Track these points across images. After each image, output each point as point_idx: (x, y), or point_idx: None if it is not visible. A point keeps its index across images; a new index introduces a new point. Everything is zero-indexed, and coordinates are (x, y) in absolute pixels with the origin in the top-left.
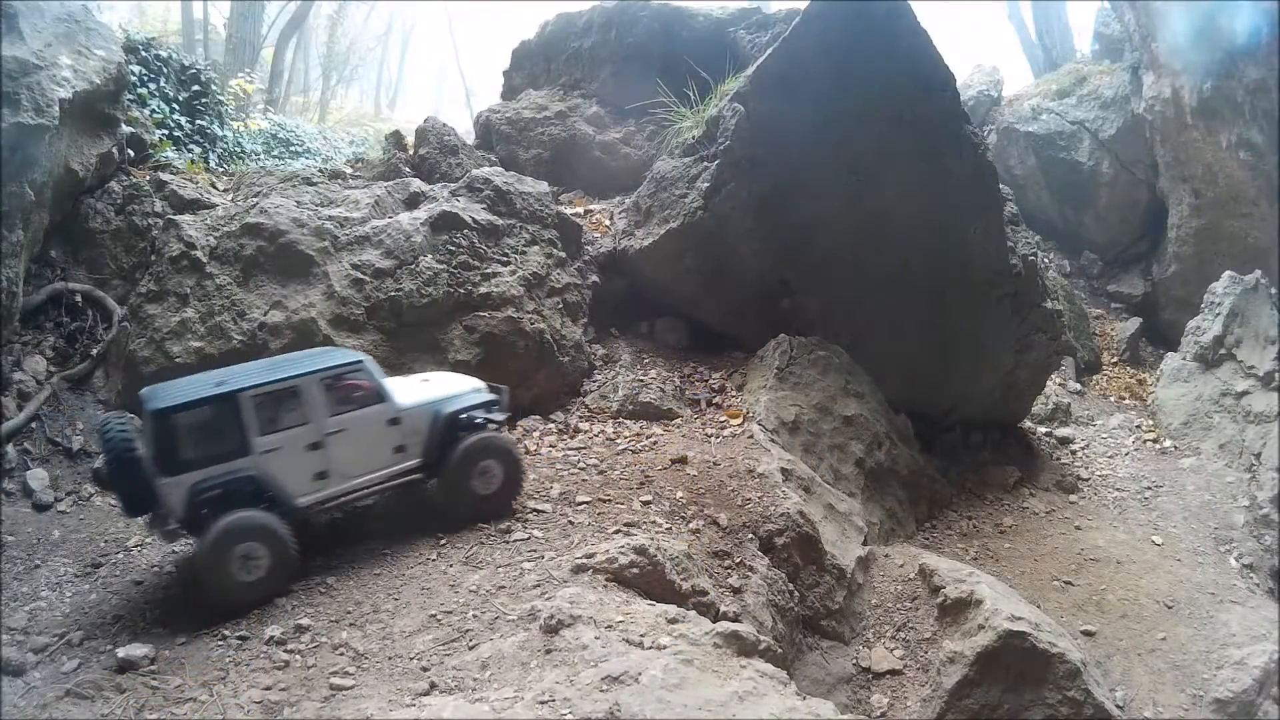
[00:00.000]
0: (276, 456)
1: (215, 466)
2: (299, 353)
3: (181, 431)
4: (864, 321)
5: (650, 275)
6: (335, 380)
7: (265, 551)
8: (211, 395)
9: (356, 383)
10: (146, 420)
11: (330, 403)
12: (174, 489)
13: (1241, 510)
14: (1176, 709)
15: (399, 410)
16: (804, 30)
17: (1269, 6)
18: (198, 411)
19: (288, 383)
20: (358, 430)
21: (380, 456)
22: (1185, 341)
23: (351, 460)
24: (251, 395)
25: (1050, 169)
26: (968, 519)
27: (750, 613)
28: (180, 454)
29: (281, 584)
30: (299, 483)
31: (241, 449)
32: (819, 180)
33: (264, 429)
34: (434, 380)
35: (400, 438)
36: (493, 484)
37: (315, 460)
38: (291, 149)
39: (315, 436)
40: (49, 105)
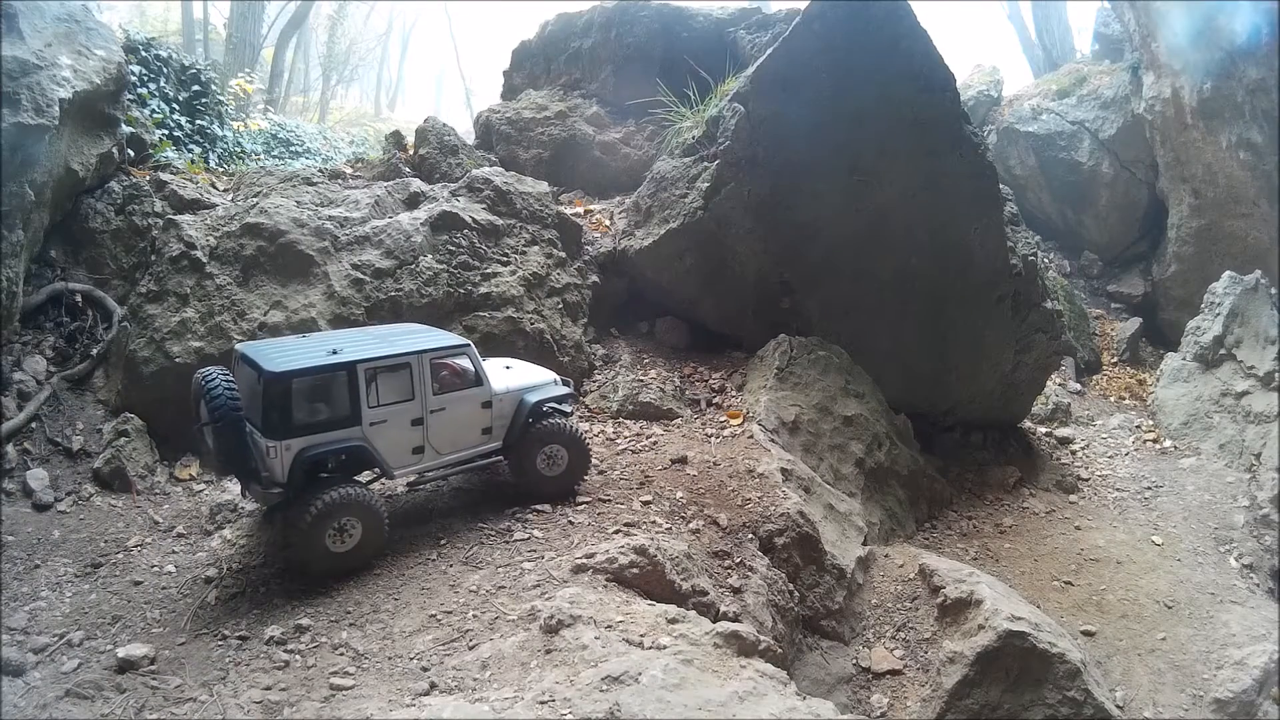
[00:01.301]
0: (382, 428)
1: (325, 433)
2: (401, 326)
3: (296, 397)
4: (864, 321)
5: (650, 275)
6: (443, 360)
7: (359, 525)
8: (331, 364)
9: (460, 365)
10: (257, 382)
11: (435, 381)
12: (281, 452)
13: (1241, 510)
14: (1176, 709)
15: (492, 395)
16: (804, 30)
17: (1269, 6)
18: (315, 379)
19: (403, 359)
20: (455, 410)
21: (470, 436)
22: (1185, 341)
23: (446, 438)
24: (368, 368)
25: (1050, 169)
26: (968, 519)
27: (750, 613)
28: (292, 419)
29: (367, 558)
30: (398, 455)
31: (352, 418)
32: (819, 180)
33: (374, 401)
34: (516, 368)
35: (489, 420)
36: (559, 467)
37: (415, 435)
38: (291, 149)
39: (419, 413)
40: (49, 105)
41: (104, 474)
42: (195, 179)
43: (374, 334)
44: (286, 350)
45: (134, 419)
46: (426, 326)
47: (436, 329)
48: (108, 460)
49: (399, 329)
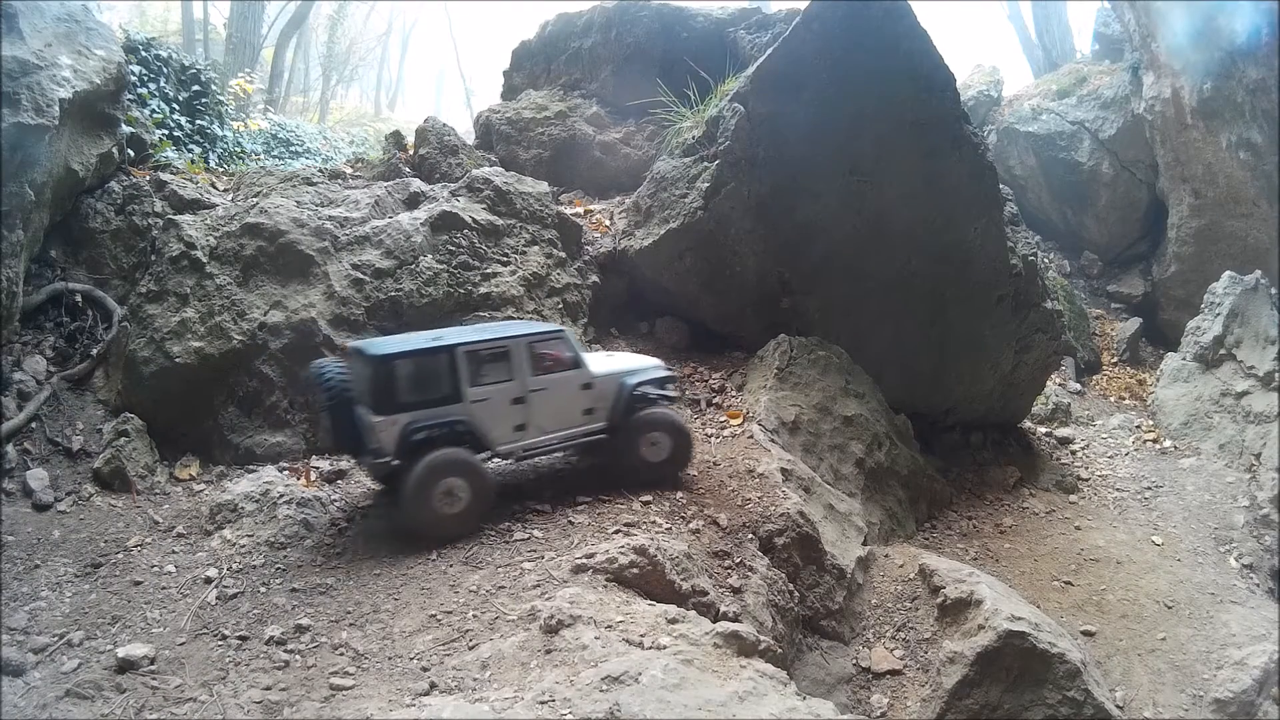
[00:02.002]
0: (484, 406)
1: (429, 410)
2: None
3: (401, 376)
4: (864, 321)
5: (650, 275)
6: (540, 345)
7: (466, 487)
8: (432, 347)
9: (558, 349)
10: (366, 365)
11: (534, 364)
12: (388, 427)
13: (1241, 510)
14: (1176, 709)
15: (592, 377)
16: (804, 30)
17: (1269, 6)
18: (418, 360)
19: (500, 343)
20: (555, 391)
21: (572, 416)
22: (1185, 341)
23: (547, 416)
24: (467, 351)
25: (1050, 169)
26: (968, 519)
27: (750, 613)
28: (398, 396)
29: (476, 519)
30: (501, 431)
31: (454, 396)
32: (819, 180)
33: (475, 381)
34: (618, 356)
35: (590, 401)
36: (661, 454)
37: (517, 413)
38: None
39: (519, 392)
40: (49, 105)
41: (104, 474)
42: (195, 179)
43: (480, 327)
44: (394, 340)
45: (134, 419)
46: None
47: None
48: (108, 460)
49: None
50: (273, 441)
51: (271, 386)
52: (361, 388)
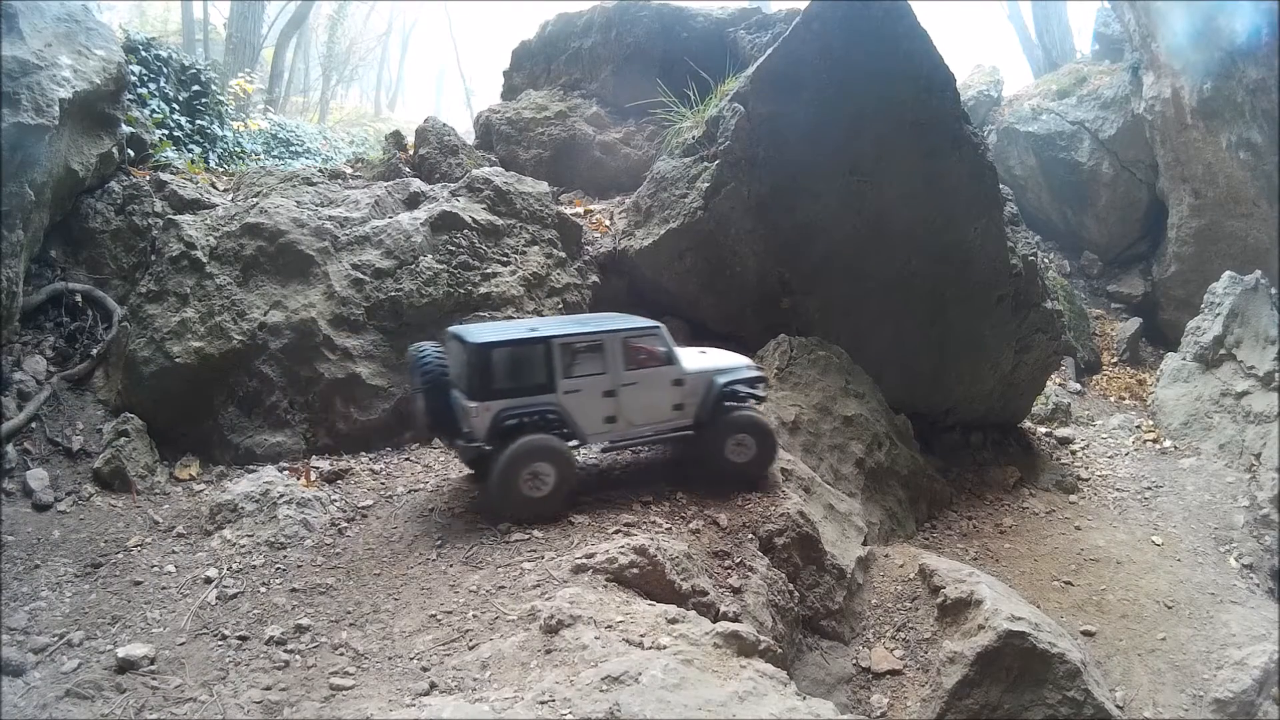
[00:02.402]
0: (575, 397)
1: (522, 398)
2: (603, 315)
3: (497, 365)
4: (864, 321)
5: (650, 275)
6: (634, 340)
7: (552, 471)
8: (529, 338)
9: (651, 345)
10: (463, 352)
11: (627, 358)
12: (482, 413)
13: (1241, 510)
14: (1176, 709)
15: (683, 373)
16: (803, 30)
17: (1269, 6)
18: (515, 350)
19: (594, 337)
20: (646, 385)
21: (661, 411)
22: (1185, 341)
23: (637, 410)
24: (562, 343)
25: (1050, 169)
26: (968, 519)
27: (750, 613)
28: (493, 384)
29: (560, 503)
30: (590, 423)
31: (547, 387)
32: (819, 180)
33: (568, 372)
34: (711, 354)
35: (680, 397)
36: (746, 455)
37: (608, 406)
38: (291, 149)
39: (611, 386)
40: (49, 105)
41: (104, 474)
42: (195, 179)
43: (577, 319)
44: (493, 329)
45: (134, 419)
46: (629, 315)
47: (634, 316)
48: (108, 460)
49: (602, 316)
50: (273, 441)
51: (271, 386)
52: (458, 373)
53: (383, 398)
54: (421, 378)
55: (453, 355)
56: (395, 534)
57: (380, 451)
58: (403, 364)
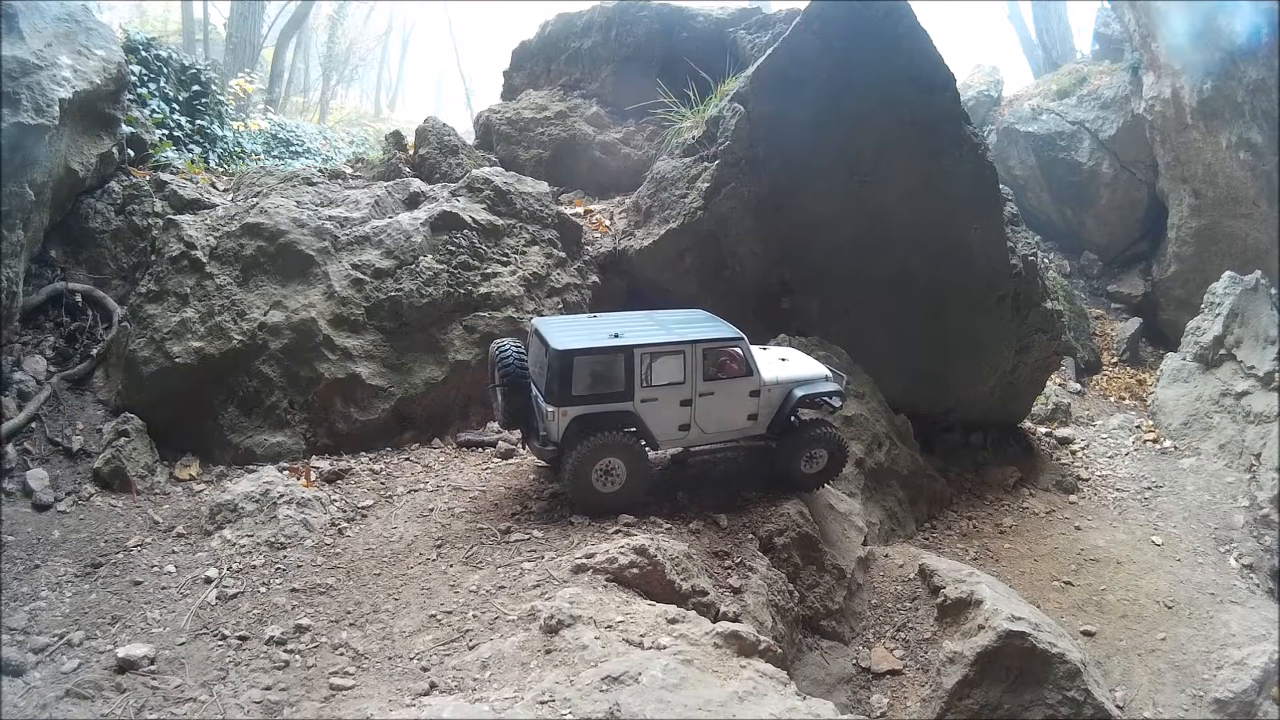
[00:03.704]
0: (652, 405)
1: (600, 405)
2: (685, 313)
3: (578, 372)
4: (864, 321)
5: (650, 275)
6: (716, 351)
7: (624, 467)
8: (611, 346)
9: (731, 356)
10: (545, 354)
11: (706, 368)
12: (559, 417)
13: (1241, 510)
14: (1176, 709)
15: (760, 384)
16: (804, 30)
17: (1269, 6)
18: (597, 358)
19: (677, 347)
20: (723, 395)
21: (736, 421)
22: (1185, 341)
23: (712, 419)
24: (644, 352)
25: (1050, 169)
26: (968, 519)
27: (750, 613)
28: (573, 390)
29: (633, 498)
30: (665, 430)
31: (626, 395)
32: (819, 180)
33: (647, 380)
34: (791, 360)
35: (755, 408)
36: (816, 467)
37: (683, 414)
38: (291, 149)
39: (688, 395)
40: (49, 105)
41: (104, 474)
42: (195, 179)
43: (657, 319)
44: (575, 328)
45: (134, 419)
46: (709, 315)
47: (718, 319)
48: (108, 460)
49: (682, 316)
50: (273, 441)
51: (271, 386)
52: (537, 371)
53: (383, 398)
54: (501, 376)
55: (533, 351)
56: (395, 534)
57: (380, 451)
58: (402, 364)
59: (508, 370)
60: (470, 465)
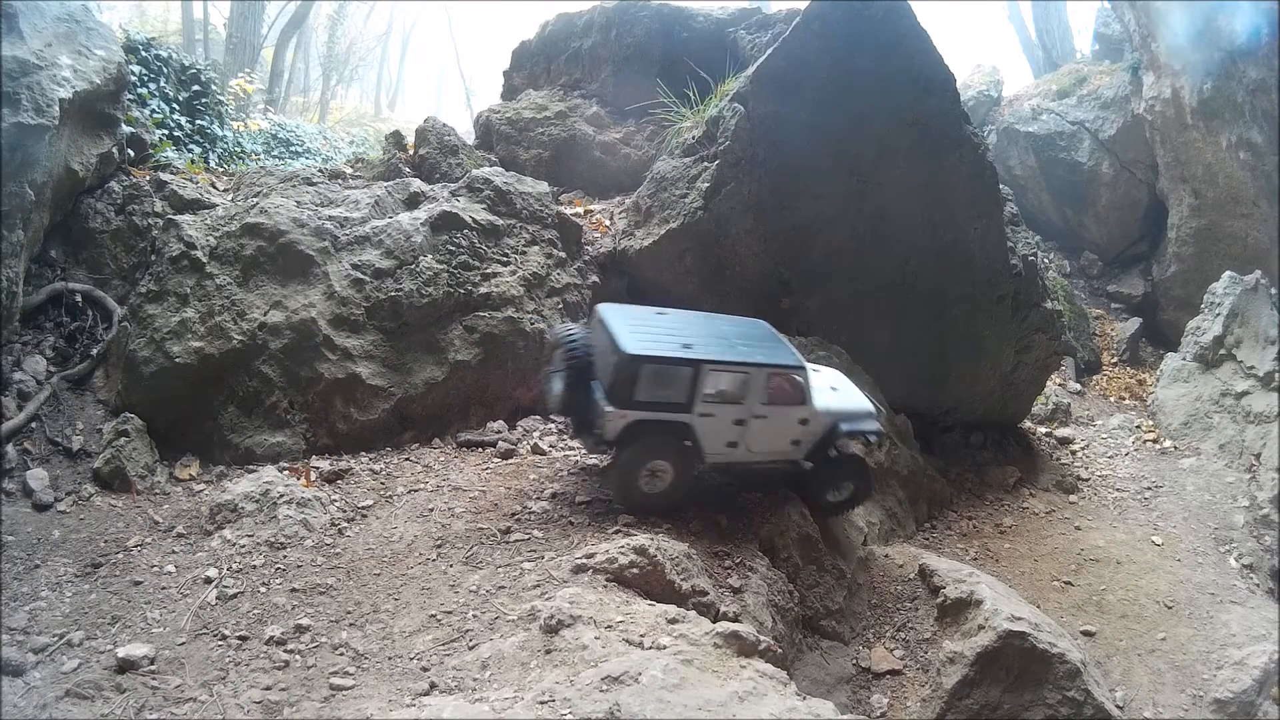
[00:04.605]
0: (708, 420)
1: (659, 412)
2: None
3: (643, 378)
4: (864, 321)
5: (650, 275)
6: (778, 377)
7: (670, 470)
8: (681, 358)
9: (792, 383)
10: (613, 353)
11: (765, 393)
12: (617, 419)
13: (1241, 510)
14: (1176, 709)
15: (811, 414)
16: (804, 30)
17: (1269, 6)
18: (664, 367)
19: (743, 368)
20: (775, 420)
21: (780, 445)
22: (1185, 341)
23: (759, 441)
24: (713, 369)
25: (1050, 169)
26: (968, 519)
27: (750, 613)
28: (635, 395)
29: (678, 498)
30: (714, 445)
31: (686, 406)
32: (819, 180)
33: (708, 396)
34: (841, 391)
35: (801, 435)
36: (842, 495)
37: (735, 433)
38: (291, 149)
39: (743, 415)
40: (49, 105)
41: (104, 474)
42: (195, 179)
43: (721, 329)
44: (644, 327)
45: (134, 419)
46: (771, 331)
47: (780, 338)
48: (108, 460)
49: (746, 328)
50: (273, 441)
51: (271, 386)
52: (601, 363)
53: (383, 398)
54: (566, 364)
55: (599, 342)
56: (395, 534)
57: (380, 451)
58: (402, 364)
59: (575, 359)
60: (470, 465)
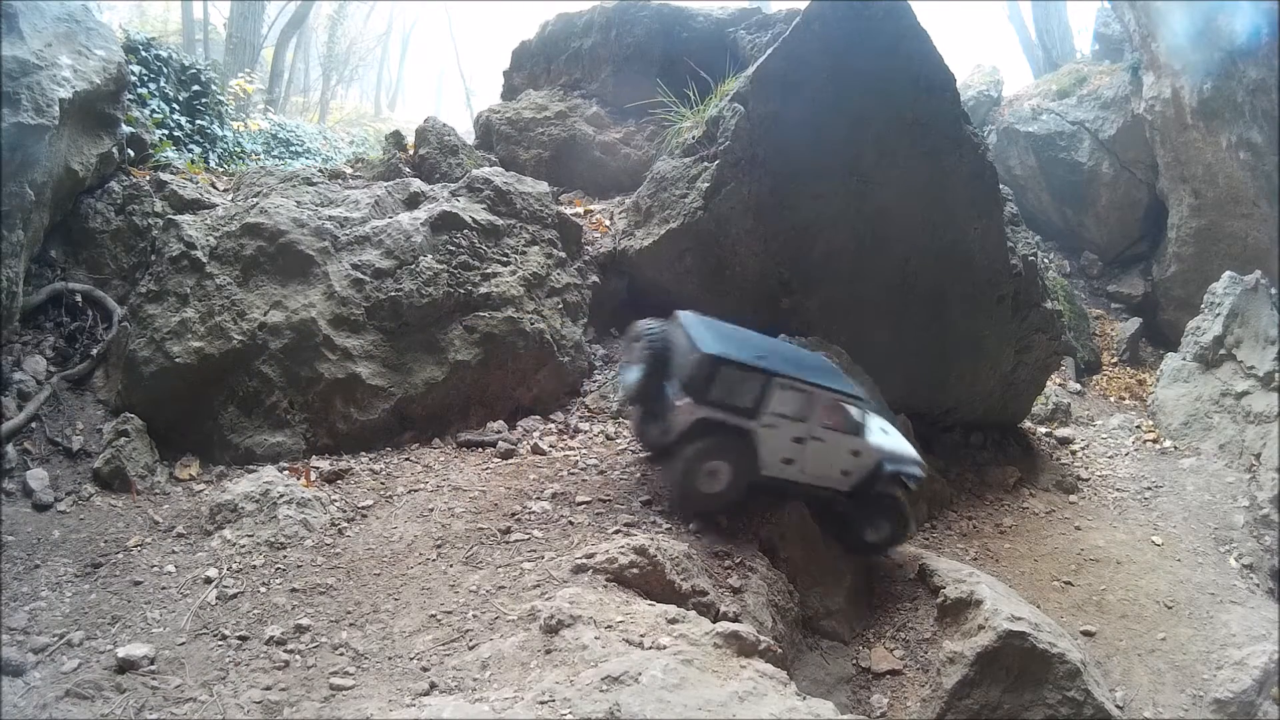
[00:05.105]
0: (770, 431)
1: (725, 414)
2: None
3: (719, 378)
4: (864, 321)
5: (650, 275)
6: (839, 403)
7: (728, 471)
8: (755, 366)
9: (850, 413)
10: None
11: (826, 416)
12: (687, 412)
13: (1241, 510)
14: (1176, 709)
15: (862, 447)
16: (804, 30)
17: (1269, 6)
18: (739, 372)
19: (809, 388)
20: (830, 446)
21: (831, 472)
22: (1185, 341)
23: (813, 463)
24: (782, 383)
25: (1050, 169)
26: (968, 519)
27: (750, 613)
28: (708, 392)
29: (733, 498)
30: (770, 458)
31: (752, 413)
32: (819, 180)
33: (775, 409)
34: (890, 435)
35: (850, 466)
36: (880, 534)
37: (791, 449)
38: (291, 149)
39: (803, 434)
40: (49, 105)
41: (104, 474)
42: (195, 179)
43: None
44: (723, 337)
45: (134, 419)
46: (836, 366)
47: (838, 370)
48: (108, 460)
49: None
50: (273, 441)
51: (271, 386)
52: (678, 365)
53: (383, 398)
54: (646, 355)
55: (677, 343)
56: (395, 534)
57: (380, 451)
58: (402, 364)
59: (654, 352)
60: (470, 465)
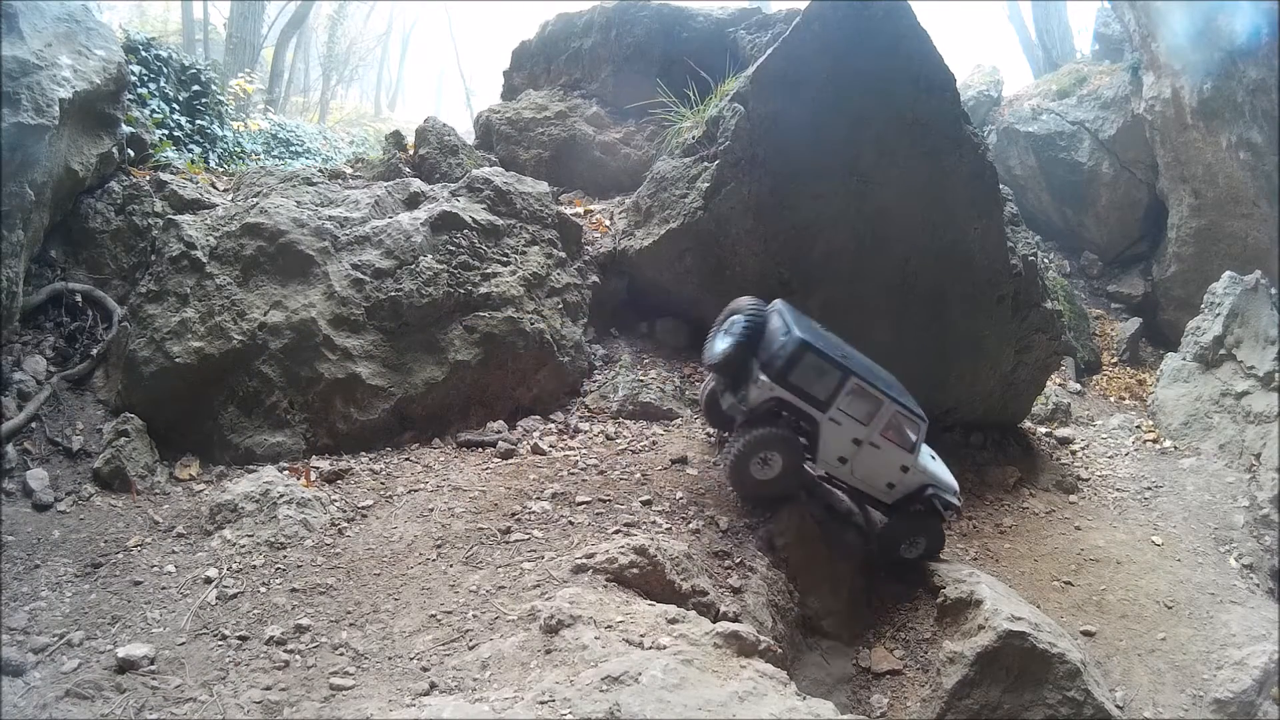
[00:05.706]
0: (834, 427)
1: (799, 399)
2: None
3: (805, 364)
4: (864, 321)
5: (650, 275)
6: (902, 417)
7: (780, 461)
8: (838, 361)
9: (909, 431)
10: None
11: (888, 427)
12: (766, 389)
13: (1241, 510)
14: (1176, 709)
15: (912, 464)
16: (804, 30)
17: (1269, 6)
18: (823, 362)
19: (879, 396)
20: (883, 455)
21: (879, 481)
22: (1185, 341)
23: (865, 467)
24: (856, 382)
25: (1050, 169)
26: (968, 519)
27: (750, 613)
28: (789, 374)
29: (784, 488)
30: (828, 454)
31: (823, 405)
32: (819, 180)
33: (844, 406)
34: (937, 462)
35: (897, 480)
36: (915, 551)
37: (849, 450)
38: (291, 149)
39: (862, 436)
40: (49, 105)
41: (104, 474)
42: (195, 179)
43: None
44: (814, 330)
45: (134, 419)
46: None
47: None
48: (108, 460)
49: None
50: (273, 441)
51: (271, 386)
52: (765, 346)
53: (383, 398)
54: (746, 328)
55: (772, 324)
56: (395, 534)
57: (380, 451)
58: (402, 364)
59: (753, 326)
60: (470, 465)
